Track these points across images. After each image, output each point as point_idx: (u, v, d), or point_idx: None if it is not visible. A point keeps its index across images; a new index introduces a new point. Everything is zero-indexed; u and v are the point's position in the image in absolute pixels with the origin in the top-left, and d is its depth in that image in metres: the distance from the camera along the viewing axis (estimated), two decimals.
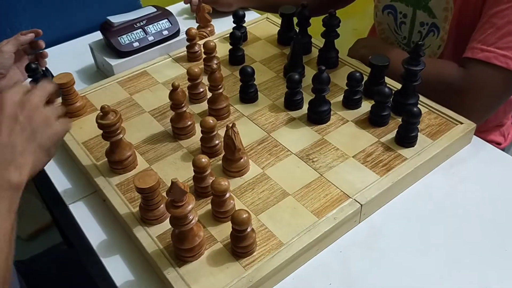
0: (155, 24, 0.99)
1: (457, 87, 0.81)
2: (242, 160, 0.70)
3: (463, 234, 0.65)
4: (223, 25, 1.09)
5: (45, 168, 0.77)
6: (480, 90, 0.80)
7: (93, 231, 0.68)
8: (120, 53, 0.95)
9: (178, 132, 0.77)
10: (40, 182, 0.99)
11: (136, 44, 0.96)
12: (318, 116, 0.78)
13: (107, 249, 0.66)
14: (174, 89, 0.73)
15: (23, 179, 0.53)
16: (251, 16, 1.12)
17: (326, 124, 0.79)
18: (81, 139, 0.79)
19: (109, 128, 0.68)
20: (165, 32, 0.99)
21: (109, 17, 0.98)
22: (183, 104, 0.75)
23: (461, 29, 0.89)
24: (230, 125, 0.68)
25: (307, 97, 0.82)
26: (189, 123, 0.77)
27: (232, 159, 0.69)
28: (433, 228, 0.66)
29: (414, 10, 0.95)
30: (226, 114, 0.81)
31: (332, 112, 0.80)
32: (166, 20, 1.01)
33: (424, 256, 0.63)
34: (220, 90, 0.79)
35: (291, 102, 0.81)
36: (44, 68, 0.93)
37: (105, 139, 0.70)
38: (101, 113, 0.68)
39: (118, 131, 0.69)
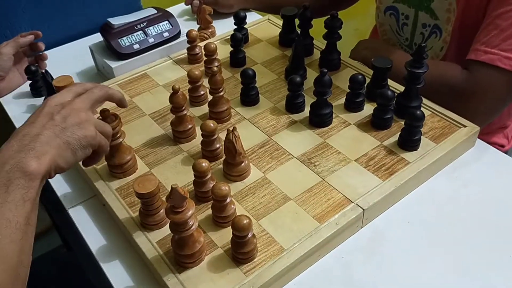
0: (156, 26, 0.98)
1: (460, 90, 0.80)
2: (243, 164, 0.69)
3: (467, 238, 0.65)
4: (224, 27, 1.08)
5: None
6: (484, 93, 0.79)
7: (93, 235, 0.67)
8: (121, 55, 0.95)
9: (178, 135, 0.77)
10: None
11: (136, 46, 0.96)
12: (320, 119, 0.77)
13: (106, 254, 0.65)
14: (175, 92, 0.73)
15: (41, 168, 0.49)
16: (252, 18, 1.12)
17: (328, 127, 0.78)
18: None
19: None
20: (166, 34, 0.99)
21: (109, 19, 0.98)
22: (183, 107, 0.74)
23: (464, 30, 0.88)
24: (231, 128, 0.67)
25: (309, 99, 0.81)
26: (190, 126, 0.76)
27: (233, 163, 0.69)
28: (437, 232, 0.65)
29: (416, 11, 0.94)
30: (227, 117, 0.80)
31: (334, 115, 0.79)
32: (166, 21, 1.00)
33: (428, 262, 0.62)
34: (221, 93, 0.78)
35: (293, 105, 0.81)
36: (44, 71, 0.92)
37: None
38: (100, 117, 0.67)
39: (118, 135, 0.69)
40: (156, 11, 1.01)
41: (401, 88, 0.82)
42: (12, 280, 0.44)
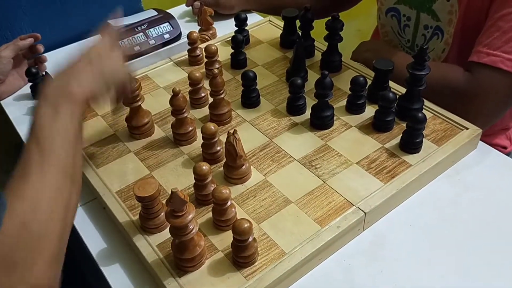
0: (156, 27, 0.98)
1: (462, 92, 0.79)
2: (243, 167, 0.69)
3: (469, 241, 0.64)
4: (225, 28, 1.08)
5: None
6: (487, 95, 0.79)
7: (93, 238, 0.67)
8: None
9: (179, 138, 0.76)
10: None
11: (137, 48, 0.95)
12: (321, 121, 0.77)
13: (106, 258, 0.65)
14: (175, 95, 0.72)
15: (83, 92, 0.57)
16: (253, 19, 1.11)
17: (329, 129, 0.78)
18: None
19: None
20: (167, 36, 0.98)
21: (109, 21, 0.97)
22: (184, 110, 0.74)
23: (465, 32, 0.88)
24: (232, 131, 0.67)
25: (310, 101, 0.81)
26: (190, 128, 0.76)
27: (234, 166, 0.68)
28: (439, 236, 0.65)
29: (418, 13, 0.93)
30: (228, 120, 0.80)
31: (335, 117, 0.79)
32: (167, 23, 1.00)
33: (429, 265, 0.62)
34: (222, 95, 0.78)
35: (294, 107, 0.80)
36: (44, 72, 0.92)
37: (125, 105, 0.75)
38: None
39: (138, 99, 0.75)
40: (156, 13, 1.01)
41: (403, 90, 0.82)
42: (68, 185, 0.51)
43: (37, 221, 0.47)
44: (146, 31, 0.97)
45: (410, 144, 0.72)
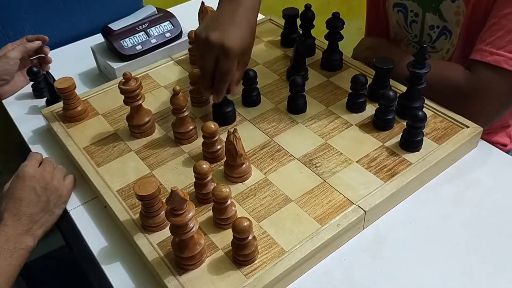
0: (157, 26, 0.98)
1: (463, 91, 0.79)
2: (244, 165, 0.69)
3: (470, 240, 0.64)
4: None
5: None
6: (488, 95, 0.78)
7: (94, 237, 0.68)
8: (123, 57, 0.95)
9: (179, 136, 0.77)
10: None
11: (139, 47, 0.96)
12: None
13: (107, 256, 0.65)
14: (175, 94, 0.73)
15: (35, 243, 0.67)
16: None
17: (330, 128, 0.78)
18: (82, 144, 0.78)
19: (130, 93, 0.74)
20: (168, 35, 0.99)
21: (110, 25, 0.98)
22: (184, 109, 0.74)
23: (471, 33, 0.87)
24: (232, 130, 0.67)
25: (310, 100, 0.81)
26: (191, 127, 0.76)
27: (234, 165, 0.68)
28: (440, 235, 0.65)
29: (424, 12, 0.93)
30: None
31: (335, 116, 0.79)
32: (168, 22, 1.00)
33: (430, 264, 0.62)
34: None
35: (294, 105, 0.80)
36: (45, 72, 0.92)
37: (126, 104, 0.76)
38: (123, 80, 0.73)
39: (138, 97, 0.75)
40: (156, 11, 1.01)
41: (403, 89, 0.82)
42: None
43: None
44: (147, 30, 0.97)
45: (411, 142, 0.72)
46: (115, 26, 0.97)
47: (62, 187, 0.71)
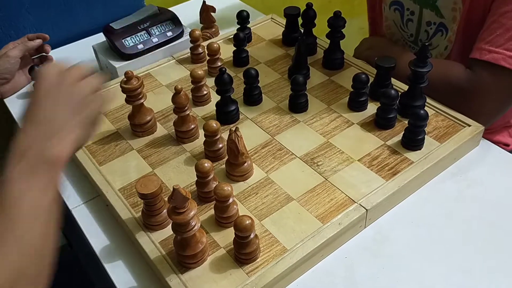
0: (159, 25, 0.98)
1: (464, 89, 0.79)
2: (245, 164, 0.69)
3: (472, 239, 0.64)
4: (227, 26, 1.08)
5: None
6: (488, 93, 0.78)
7: (96, 235, 0.68)
8: (125, 56, 0.95)
9: (181, 135, 0.77)
10: None
11: (140, 46, 0.96)
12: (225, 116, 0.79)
13: (109, 254, 0.65)
14: (177, 93, 0.73)
15: (65, 153, 0.49)
16: (255, 17, 1.11)
17: (332, 126, 0.78)
18: None
19: (131, 92, 0.74)
20: (169, 34, 0.99)
21: (111, 24, 0.98)
22: (186, 108, 0.74)
23: (468, 30, 0.87)
24: (233, 129, 0.67)
25: (312, 99, 0.81)
26: (192, 126, 0.76)
27: (236, 163, 0.69)
28: (441, 233, 0.65)
29: (421, 8, 0.93)
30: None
31: (337, 115, 0.79)
32: (169, 21, 1.00)
33: (432, 262, 0.62)
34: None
35: (296, 104, 0.80)
36: None
37: (128, 103, 0.76)
38: (125, 78, 0.73)
39: (140, 96, 0.75)
40: (158, 11, 1.01)
41: (405, 87, 0.82)
42: (35, 264, 0.45)
43: None
44: (149, 29, 0.97)
45: (412, 141, 0.72)
46: (117, 25, 0.97)
47: (91, 96, 0.54)
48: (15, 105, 0.94)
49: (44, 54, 0.97)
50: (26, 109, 0.52)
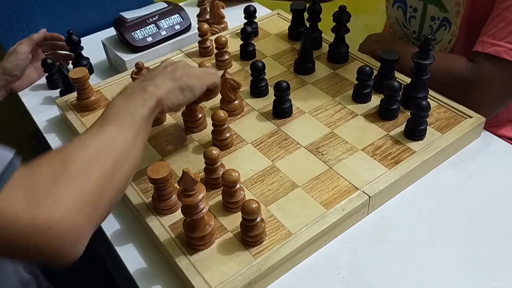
0: (167, 19, 1.01)
1: (466, 82, 0.81)
2: (237, 101, 0.79)
3: (471, 228, 0.66)
4: (235, 21, 1.10)
5: None
6: (490, 85, 0.80)
7: (107, 220, 0.69)
8: (135, 48, 0.97)
9: (189, 125, 0.79)
10: None
11: (149, 39, 0.98)
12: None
13: (120, 238, 0.67)
14: None
15: (157, 91, 0.61)
16: (262, 12, 1.13)
17: (336, 117, 0.80)
18: None
19: None
20: (177, 27, 1.01)
21: (122, 13, 1.00)
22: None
23: (472, 23, 0.89)
24: (224, 72, 0.76)
25: (317, 91, 0.82)
26: (200, 116, 0.78)
27: (230, 100, 0.78)
28: (442, 221, 0.67)
29: (425, 4, 0.95)
30: (239, 110, 0.82)
31: (341, 106, 0.81)
32: (177, 14, 1.02)
33: (432, 249, 0.63)
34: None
35: (280, 110, 0.80)
36: (59, 63, 0.95)
37: None
38: (135, 69, 0.75)
39: None
40: (166, 5, 1.03)
41: (408, 80, 0.83)
42: (114, 171, 0.51)
43: (78, 160, 0.48)
44: (157, 22, 1.00)
45: (414, 131, 0.74)
46: (128, 15, 0.99)
47: (199, 74, 0.68)
48: (28, 97, 0.96)
49: (63, 52, 1.00)
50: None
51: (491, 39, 0.79)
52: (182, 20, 1.02)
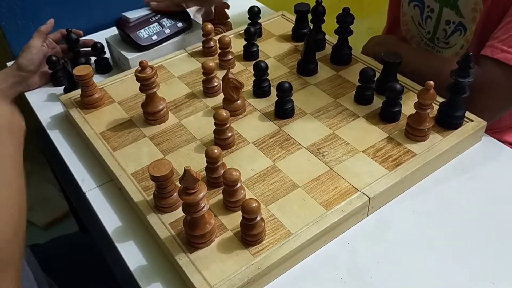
0: (169, 17, 1.02)
1: (471, 85, 0.81)
2: (239, 101, 0.80)
3: (470, 230, 0.66)
4: (239, 21, 1.11)
5: (64, 157, 0.80)
6: (495, 90, 0.80)
7: (109, 217, 0.70)
8: (141, 47, 0.98)
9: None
10: (58, 171, 1.02)
11: (154, 37, 0.99)
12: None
13: (121, 235, 0.68)
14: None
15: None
16: (266, 13, 1.14)
17: (338, 119, 0.80)
18: (98, 129, 0.81)
19: (145, 81, 0.77)
20: (180, 25, 1.02)
21: (124, 13, 1.01)
22: None
23: (486, 31, 0.87)
24: (227, 72, 0.77)
25: (319, 92, 0.83)
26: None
27: (233, 100, 0.79)
28: (441, 224, 0.67)
29: (441, 7, 0.94)
30: (241, 110, 0.82)
31: (343, 108, 0.82)
32: (178, 13, 1.03)
33: (431, 251, 0.64)
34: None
35: (281, 110, 0.80)
36: (63, 60, 0.95)
37: (142, 91, 0.79)
38: (139, 68, 0.76)
39: (154, 85, 0.78)
40: None
41: (410, 83, 0.84)
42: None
43: None
44: (160, 21, 1.01)
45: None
46: (130, 15, 1.00)
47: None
48: (32, 94, 0.97)
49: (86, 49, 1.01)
50: None
51: (501, 44, 0.79)
52: (183, 18, 1.03)
